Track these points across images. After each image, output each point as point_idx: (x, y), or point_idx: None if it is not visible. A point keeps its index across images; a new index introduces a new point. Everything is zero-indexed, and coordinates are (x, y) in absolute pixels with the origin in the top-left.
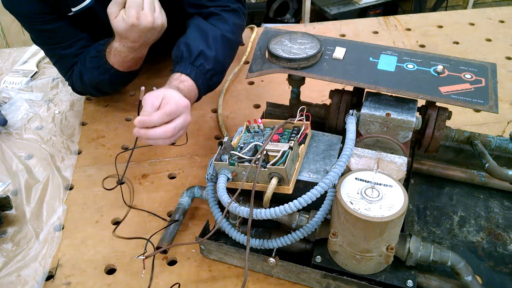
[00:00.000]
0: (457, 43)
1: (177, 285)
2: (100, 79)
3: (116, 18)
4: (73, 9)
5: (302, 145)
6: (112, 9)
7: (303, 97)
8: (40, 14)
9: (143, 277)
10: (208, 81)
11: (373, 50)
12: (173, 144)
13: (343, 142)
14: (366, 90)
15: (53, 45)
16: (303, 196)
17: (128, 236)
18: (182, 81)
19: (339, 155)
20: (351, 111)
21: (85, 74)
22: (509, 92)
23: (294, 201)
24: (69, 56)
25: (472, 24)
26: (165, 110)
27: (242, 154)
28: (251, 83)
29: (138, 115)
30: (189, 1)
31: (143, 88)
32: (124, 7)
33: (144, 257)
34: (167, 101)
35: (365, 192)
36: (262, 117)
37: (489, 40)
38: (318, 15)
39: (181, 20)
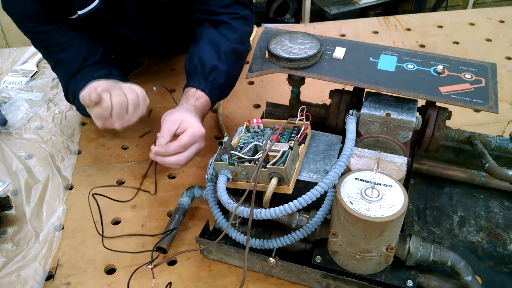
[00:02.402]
0: (457, 43)
1: (169, 284)
2: (89, 115)
3: (87, 108)
4: (80, 12)
5: (302, 145)
6: (83, 100)
7: (303, 97)
8: (39, 16)
9: (153, 286)
10: (220, 94)
11: (373, 50)
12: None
13: (343, 142)
14: (366, 90)
15: (49, 48)
16: (303, 196)
17: (127, 235)
18: (198, 98)
19: (339, 155)
20: (351, 111)
21: (75, 103)
22: (509, 92)
23: (294, 201)
24: (65, 61)
25: (472, 24)
26: (181, 143)
27: (242, 154)
28: (251, 83)
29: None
30: (200, 7)
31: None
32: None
33: (152, 266)
34: (184, 128)
35: (365, 192)
36: (262, 117)
37: (489, 40)
38: (318, 15)
39: (188, 25)
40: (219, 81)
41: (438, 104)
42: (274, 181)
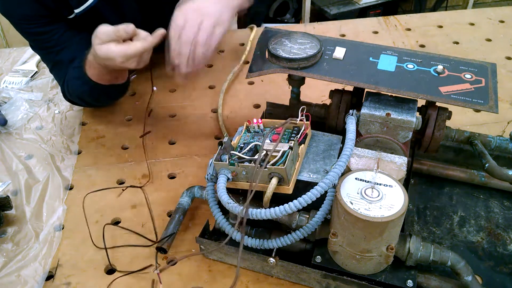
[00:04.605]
0: (457, 43)
1: (153, 281)
2: (82, 90)
3: (103, 45)
4: (76, 10)
5: (302, 145)
6: (102, 34)
7: (303, 97)
8: (39, 16)
9: None
10: None
11: (373, 50)
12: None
13: (343, 142)
14: (366, 90)
15: (48, 49)
16: (303, 196)
17: (127, 235)
18: None
19: (339, 155)
20: (351, 111)
21: (70, 83)
22: (509, 92)
23: (294, 201)
24: (63, 62)
25: (472, 24)
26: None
27: (242, 154)
28: (251, 83)
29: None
30: None
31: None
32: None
33: (158, 272)
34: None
35: (365, 192)
36: (262, 117)
37: (489, 40)
38: (318, 15)
39: None
40: None
41: (438, 104)
42: (274, 181)
